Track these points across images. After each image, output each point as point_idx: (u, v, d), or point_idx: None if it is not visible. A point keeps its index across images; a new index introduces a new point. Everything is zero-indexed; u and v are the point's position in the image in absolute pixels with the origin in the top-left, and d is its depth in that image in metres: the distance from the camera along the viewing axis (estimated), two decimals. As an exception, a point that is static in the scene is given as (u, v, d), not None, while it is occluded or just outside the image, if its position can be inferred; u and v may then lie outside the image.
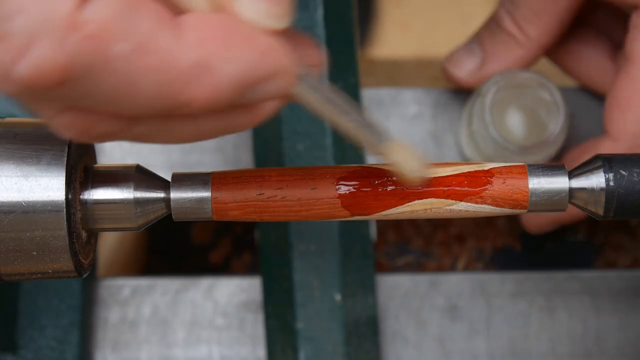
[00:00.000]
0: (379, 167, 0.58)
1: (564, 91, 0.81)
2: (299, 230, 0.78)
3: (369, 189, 0.57)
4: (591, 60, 0.81)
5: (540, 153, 0.77)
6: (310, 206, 0.57)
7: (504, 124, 0.79)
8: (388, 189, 0.57)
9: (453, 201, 0.57)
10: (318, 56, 0.52)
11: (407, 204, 0.57)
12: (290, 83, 0.48)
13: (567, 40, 0.81)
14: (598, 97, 0.85)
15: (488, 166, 0.58)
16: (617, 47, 0.81)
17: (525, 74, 0.78)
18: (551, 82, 0.78)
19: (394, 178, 0.57)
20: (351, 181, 0.57)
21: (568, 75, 0.84)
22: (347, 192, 0.57)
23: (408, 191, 0.57)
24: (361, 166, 0.58)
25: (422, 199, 0.57)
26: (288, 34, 0.48)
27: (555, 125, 0.77)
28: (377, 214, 0.58)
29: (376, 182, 0.57)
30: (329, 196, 0.57)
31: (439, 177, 0.57)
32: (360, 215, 0.58)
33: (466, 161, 0.83)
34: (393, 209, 0.57)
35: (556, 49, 0.81)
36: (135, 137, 0.48)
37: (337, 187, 0.57)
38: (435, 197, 0.57)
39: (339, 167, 0.58)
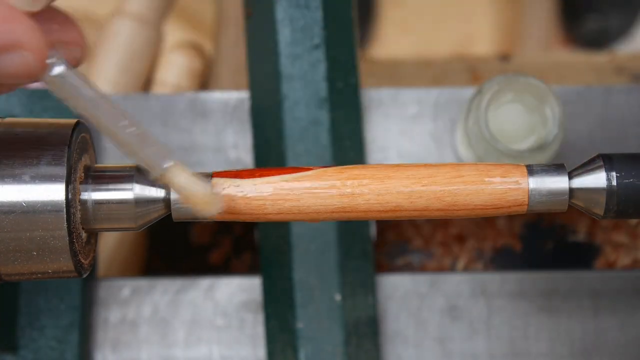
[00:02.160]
0: (376, 170, 0.58)
1: (563, 91, 0.81)
2: (299, 230, 0.78)
3: (369, 197, 0.57)
4: None
5: (532, 159, 0.77)
6: (311, 210, 0.57)
7: (499, 125, 0.79)
8: (388, 197, 0.57)
9: (453, 208, 0.57)
10: (78, 36, 0.50)
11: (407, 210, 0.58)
12: (38, 62, 0.46)
13: None
14: (598, 97, 0.85)
15: (488, 169, 0.58)
16: None
17: (527, 79, 0.78)
18: (551, 90, 0.77)
19: (394, 185, 0.57)
20: (351, 188, 0.57)
21: None
22: (348, 200, 0.57)
23: (407, 197, 0.57)
24: (359, 170, 0.58)
25: (420, 204, 0.58)
26: (47, 16, 0.46)
27: (549, 134, 0.77)
28: (376, 218, 0.58)
29: (377, 189, 0.57)
30: (330, 203, 0.57)
31: (440, 182, 0.58)
32: (360, 219, 0.58)
33: (459, 158, 0.84)
34: (393, 214, 0.58)
35: None
36: None
37: (337, 194, 0.57)
38: (436, 204, 0.57)
39: (339, 169, 0.58)
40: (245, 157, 0.85)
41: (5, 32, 0.45)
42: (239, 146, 0.86)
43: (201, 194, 0.53)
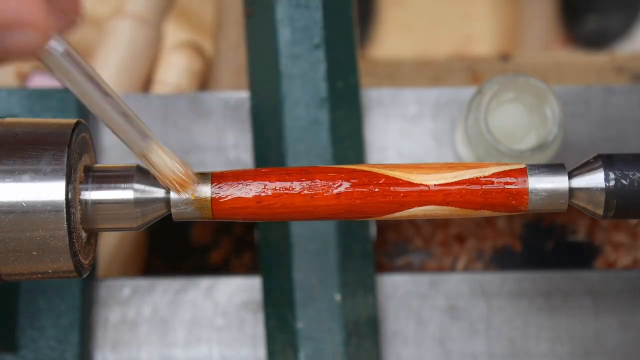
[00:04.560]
0: (376, 170, 0.58)
1: (563, 91, 0.81)
2: (299, 230, 0.78)
3: (368, 198, 0.57)
4: None
5: (532, 159, 0.77)
6: (310, 210, 0.57)
7: (499, 125, 0.79)
8: (387, 198, 0.57)
9: (453, 208, 0.57)
10: (76, 3, 0.51)
11: (407, 210, 0.57)
12: (41, 41, 0.47)
13: None
14: (598, 97, 0.85)
15: (488, 169, 0.58)
16: None
17: (527, 79, 0.78)
18: (551, 90, 0.77)
19: (392, 185, 0.57)
20: (351, 188, 0.57)
21: None
22: (347, 200, 0.57)
23: (406, 199, 0.57)
24: (360, 169, 0.58)
25: (421, 206, 0.57)
26: None
27: (549, 134, 0.77)
28: (376, 218, 0.58)
29: (376, 189, 0.57)
30: (329, 204, 0.57)
31: (440, 183, 0.57)
32: (359, 219, 0.58)
33: (459, 158, 0.84)
34: (392, 214, 0.58)
35: None
36: None
37: (336, 194, 0.57)
38: (436, 204, 0.57)
39: (339, 169, 0.58)
40: (245, 157, 0.85)
41: (13, 10, 0.45)
42: (239, 146, 0.86)
43: (176, 174, 0.55)
